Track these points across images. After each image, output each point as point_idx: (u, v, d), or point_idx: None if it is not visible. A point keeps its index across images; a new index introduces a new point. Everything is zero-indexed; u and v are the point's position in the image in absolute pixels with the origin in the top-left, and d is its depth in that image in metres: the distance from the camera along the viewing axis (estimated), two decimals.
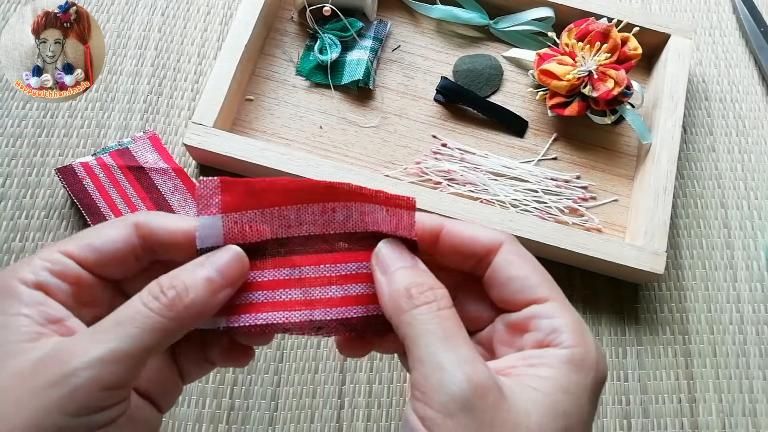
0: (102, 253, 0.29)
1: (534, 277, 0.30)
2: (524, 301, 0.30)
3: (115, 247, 0.29)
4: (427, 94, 0.61)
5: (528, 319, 0.29)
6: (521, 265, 0.30)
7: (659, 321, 0.55)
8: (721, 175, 0.61)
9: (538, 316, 0.29)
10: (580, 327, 0.29)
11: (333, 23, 0.61)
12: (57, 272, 0.28)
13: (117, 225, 0.30)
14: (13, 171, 0.56)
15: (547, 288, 0.30)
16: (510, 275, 0.30)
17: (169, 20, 0.63)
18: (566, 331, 0.28)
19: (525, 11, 0.62)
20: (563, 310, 0.29)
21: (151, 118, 0.59)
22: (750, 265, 0.58)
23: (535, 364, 0.28)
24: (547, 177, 0.58)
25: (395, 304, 0.28)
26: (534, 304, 0.29)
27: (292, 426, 0.50)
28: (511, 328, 0.30)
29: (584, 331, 0.29)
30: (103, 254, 0.29)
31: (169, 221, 0.30)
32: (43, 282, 0.28)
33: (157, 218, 0.30)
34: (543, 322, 0.29)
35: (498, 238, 0.31)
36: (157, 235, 0.30)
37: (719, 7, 0.69)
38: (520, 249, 0.31)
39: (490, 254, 0.31)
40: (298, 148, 0.57)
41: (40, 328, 0.27)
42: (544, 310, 0.29)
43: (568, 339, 0.28)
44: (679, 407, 0.53)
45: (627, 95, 0.57)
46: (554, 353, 0.28)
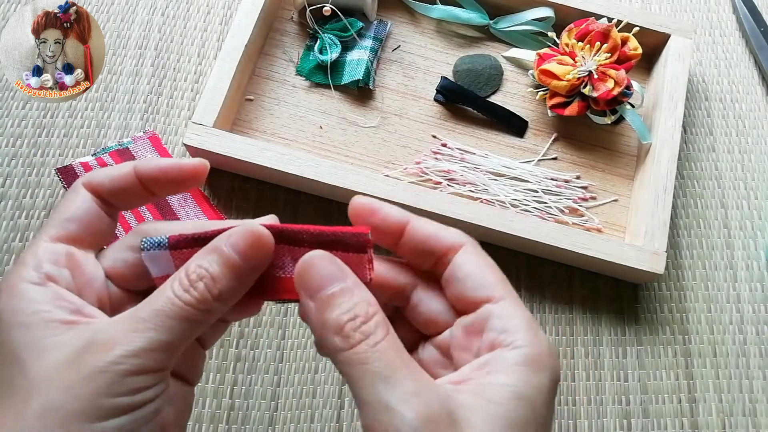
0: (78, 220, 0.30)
1: (489, 277, 0.30)
2: (478, 299, 0.29)
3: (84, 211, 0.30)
4: (427, 94, 0.61)
5: (483, 320, 0.29)
6: (478, 264, 0.30)
7: (659, 321, 0.55)
8: (721, 175, 0.61)
9: (492, 316, 0.29)
10: (533, 326, 0.29)
11: (333, 23, 0.61)
12: (52, 261, 0.29)
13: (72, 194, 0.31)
14: (13, 171, 0.56)
15: (501, 289, 0.30)
16: (467, 272, 0.30)
17: (169, 20, 0.63)
18: (519, 331, 0.28)
19: (525, 11, 0.62)
20: (516, 309, 0.29)
21: (151, 118, 0.59)
22: (750, 265, 0.58)
23: (490, 371, 0.27)
24: (547, 177, 0.58)
25: (328, 342, 0.27)
26: (488, 303, 0.29)
27: (292, 426, 0.50)
28: (468, 331, 0.30)
29: (536, 329, 0.29)
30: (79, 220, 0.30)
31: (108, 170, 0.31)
32: (49, 274, 0.28)
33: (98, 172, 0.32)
34: (496, 322, 0.29)
35: (460, 238, 0.31)
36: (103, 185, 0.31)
37: (719, 7, 0.69)
38: (480, 251, 0.31)
39: (450, 253, 0.30)
40: (298, 148, 0.57)
41: (67, 316, 0.27)
42: (497, 309, 0.29)
43: (520, 339, 0.28)
44: (679, 407, 0.53)
45: (627, 95, 0.57)
46: (508, 356, 0.28)
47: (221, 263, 0.28)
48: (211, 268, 0.28)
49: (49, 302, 0.28)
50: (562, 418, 0.52)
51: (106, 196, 0.31)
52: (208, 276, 0.28)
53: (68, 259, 0.30)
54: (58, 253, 0.29)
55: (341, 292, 0.27)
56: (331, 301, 0.27)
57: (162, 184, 0.31)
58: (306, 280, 0.28)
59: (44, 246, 0.29)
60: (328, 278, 0.28)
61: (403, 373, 0.26)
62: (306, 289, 0.28)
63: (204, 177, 0.32)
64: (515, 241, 0.53)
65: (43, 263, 0.29)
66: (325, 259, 0.28)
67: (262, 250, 0.29)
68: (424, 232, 0.31)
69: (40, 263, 0.29)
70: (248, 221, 0.30)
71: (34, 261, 0.29)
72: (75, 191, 0.31)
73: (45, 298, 0.28)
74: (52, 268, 0.29)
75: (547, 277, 0.56)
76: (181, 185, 0.32)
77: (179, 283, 0.28)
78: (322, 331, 0.27)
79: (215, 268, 0.28)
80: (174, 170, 0.31)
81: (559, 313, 0.55)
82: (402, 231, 0.31)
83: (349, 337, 0.26)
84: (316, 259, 0.28)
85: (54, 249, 0.29)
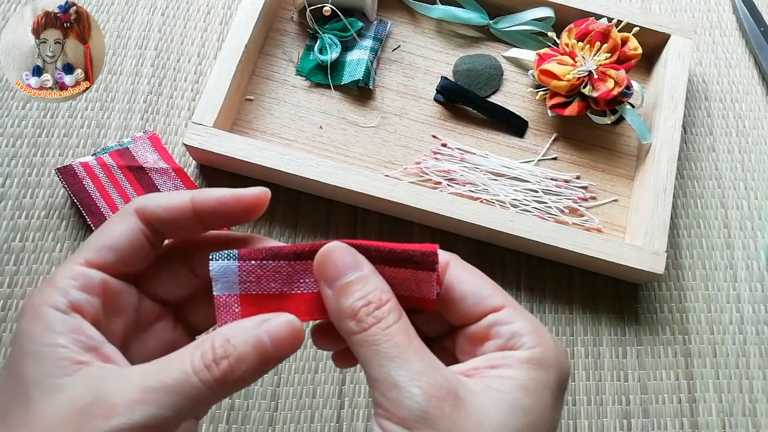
0: (119, 249, 0.29)
1: (486, 289, 0.31)
2: (481, 312, 0.30)
3: (128, 240, 0.29)
4: (427, 94, 0.61)
5: (487, 328, 0.30)
6: (471, 279, 0.31)
7: (659, 321, 0.55)
8: (721, 175, 0.61)
9: (497, 324, 0.30)
10: (538, 328, 0.29)
11: (333, 23, 0.61)
12: (84, 287, 0.28)
13: (120, 219, 0.30)
14: (13, 171, 0.56)
15: (500, 297, 0.30)
16: (463, 291, 0.30)
17: (169, 20, 0.63)
18: (526, 334, 0.29)
19: (525, 11, 0.62)
20: (520, 315, 0.30)
21: (151, 118, 0.59)
22: (750, 265, 0.58)
23: (496, 365, 0.28)
24: (547, 177, 0.58)
25: (344, 327, 0.28)
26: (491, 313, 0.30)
27: (292, 426, 0.50)
28: (471, 339, 0.31)
29: (543, 331, 0.29)
30: (120, 250, 0.29)
31: (163, 199, 0.30)
32: (75, 302, 0.28)
33: (152, 199, 0.30)
34: (503, 329, 0.29)
35: (443, 258, 0.31)
36: (157, 214, 0.30)
37: (719, 7, 0.69)
38: (466, 265, 0.32)
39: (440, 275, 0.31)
40: (298, 148, 0.57)
41: (79, 356, 0.27)
42: (501, 317, 0.30)
43: (528, 341, 0.29)
44: (679, 407, 0.53)
45: (627, 95, 0.57)
46: (515, 355, 0.29)
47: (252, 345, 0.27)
48: (239, 347, 0.27)
49: (66, 334, 0.27)
50: (562, 418, 0.52)
51: (158, 225, 0.30)
52: (234, 356, 0.27)
53: (102, 288, 0.29)
54: (92, 279, 0.29)
55: (357, 280, 0.29)
56: (347, 288, 0.28)
57: (219, 217, 0.30)
58: (324, 269, 0.29)
59: (78, 270, 0.28)
60: (344, 267, 0.29)
61: (411, 354, 0.27)
62: (324, 277, 0.29)
63: (265, 207, 0.30)
64: (515, 241, 0.53)
65: (71, 290, 0.28)
66: (342, 250, 0.29)
67: (296, 344, 0.29)
68: None
69: (68, 289, 0.28)
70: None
71: (63, 284, 0.28)
72: (124, 217, 0.30)
73: (64, 328, 0.27)
74: (80, 296, 0.28)
75: (547, 277, 0.56)
76: (240, 218, 0.31)
77: (201, 356, 0.26)
78: (338, 317, 0.29)
79: (242, 349, 0.27)
80: (232, 202, 0.30)
81: (559, 313, 0.55)
82: None
83: (363, 321, 0.28)
84: (333, 250, 0.29)
85: (88, 274, 0.29)
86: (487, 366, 0.28)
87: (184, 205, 0.30)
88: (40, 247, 0.53)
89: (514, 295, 0.55)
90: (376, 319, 0.28)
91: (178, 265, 0.32)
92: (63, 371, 0.26)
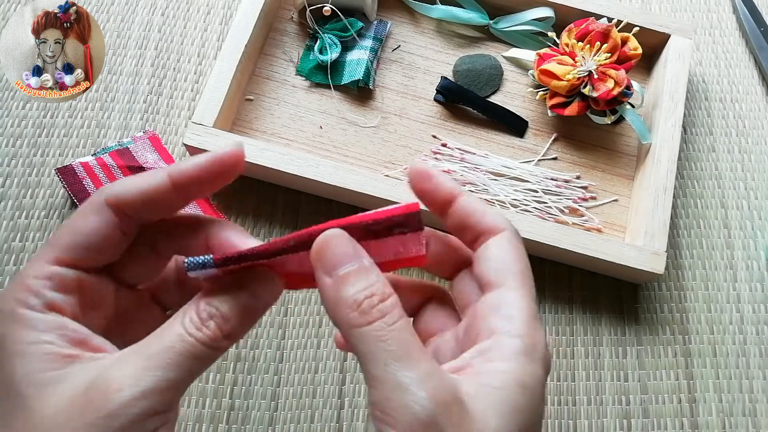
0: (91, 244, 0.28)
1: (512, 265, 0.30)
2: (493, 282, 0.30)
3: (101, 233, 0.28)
4: (427, 94, 0.61)
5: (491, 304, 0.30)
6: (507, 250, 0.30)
7: (659, 321, 0.55)
8: (721, 175, 0.61)
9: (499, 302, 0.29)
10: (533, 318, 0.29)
11: (333, 23, 0.61)
12: (59, 287, 0.27)
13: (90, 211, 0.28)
14: (13, 171, 0.56)
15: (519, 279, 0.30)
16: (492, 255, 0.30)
17: (169, 20, 0.63)
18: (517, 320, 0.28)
19: (525, 11, 0.62)
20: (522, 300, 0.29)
21: (151, 118, 0.59)
22: (750, 265, 0.58)
23: (490, 358, 0.28)
24: (547, 177, 0.58)
25: (344, 317, 0.27)
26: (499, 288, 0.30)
27: (292, 426, 0.50)
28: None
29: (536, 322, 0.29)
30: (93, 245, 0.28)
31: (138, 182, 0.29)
32: (51, 302, 0.27)
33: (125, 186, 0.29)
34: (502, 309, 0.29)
35: (501, 224, 0.31)
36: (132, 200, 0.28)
37: (719, 7, 0.69)
38: (517, 242, 0.31)
39: (488, 234, 0.31)
40: (298, 148, 0.57)
41: (67, 350, 0.26)
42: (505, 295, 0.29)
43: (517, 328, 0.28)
44: (679, 407, 0.53)
45: (627, 95, 0.57)
46: (506, 343, 0.28)
47: (233, 301, 0.28)
48: (222, 307, 0.27)
49: (50, 332, 0.26)
50: (562, 418, 0.52)
51: (134, 213, 0.29)
52: (218, 315, 0.27)
53: (78, 285, 0.28)
54: (66, 278, 0.28)
55: (359, 270, 0.28)
56: (348, 278, 0.27)
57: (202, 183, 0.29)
58: (323, 257, 0.28)
59: (50, 270, 0.27)
60: (345, 256, 0.28)
61: (418, 355, 0.26)
62: (323, 265, 0.28)
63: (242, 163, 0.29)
64: None
65: (45, 290, 0.27)
66: (342, 238, 0.28)
67: (275, 291, 0.29)
68: (470, 207, 0.31)
69: (42, 290, 0.27)
70: None
71: (36, 285, 0.27)
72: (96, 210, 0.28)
73: (46, 326, 0.26)
74: (56, 296, 0.27)
75: (547, 277, 0.56)
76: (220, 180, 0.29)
77: (190, 320, 0.27)
78: (336, 307, 0.27)
79: (226, 307, 0.27)
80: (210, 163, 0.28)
81: (559, 313, 0.55)
82: (451, 202, 0.31)
83: (367, 313, 0.26)
84: (333, 238, 0.28)
85: (61, 274, 0.28)
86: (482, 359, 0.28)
87: (162, 183, 0.28)
88: (41, 247, 0.53)
89: None
90: (381, 313, 0.26)
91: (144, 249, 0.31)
92: (53, 365, 0.26)
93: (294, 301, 0.53)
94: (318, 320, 0.53)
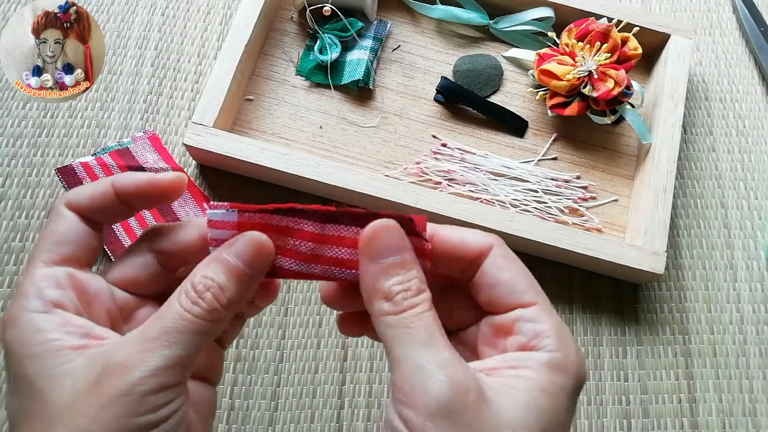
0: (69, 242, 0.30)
1: (522, 282, 0.30)
2: (511, 304, 0.30)
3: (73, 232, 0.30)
4: (427, 94, 0.61)
5: (512, 322, 0.30)
6: (510, 269, 0.31)
7: (659, 321, 0.55)
8: (721, 175, 0.61)
9: (522, 320, 0.29)
10: (563, 332, 0.29)
11: (333, 23, 0.61)
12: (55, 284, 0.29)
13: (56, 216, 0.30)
14: (13, 171, 0.56)
15: (534, 293, 0.30)
16: (499, 279, 0.30)
17: (169, 20, 0.63)
18: (549, 336, 0.29)
19: (525, 11, 0.62)
20: (547, 315, 0.29)
21: (151, 118, 0.59)
22: (750, 265, 0.58)
23: (516, 366, 0.28)
24: (547, 177, 0.58)
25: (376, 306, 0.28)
26: (519, 308, 0.30)
27: (292, 426, 0.50)
28: (496, 330, 0.31)
29: (566, 336, 0.29)
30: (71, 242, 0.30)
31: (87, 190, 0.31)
32: (53, 300, 0.28)
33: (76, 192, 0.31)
34: (527, 326, 0.29)
35: (487, 241, 0.31)
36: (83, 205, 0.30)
37: (719, 7, 0.69)
38: (509, 253, 0.31)
39: (480, 258, 0.31)
40: (298, 148, 0.57)
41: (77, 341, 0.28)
42: (529, 314, 0.29)
43: (550, 344, 0.28)
44: (679, 407, 0.53)
45: (627, 95, 0.57)
46: (535, 356, 0.28)
47: (226, 272, 0.29)
48: (216, 277, 0.28)
49: (57, 329, 0.28)
50: None
51: (88, 215, 0.31)
52: (215, 285, 0.28)
53: (70, 280, 0.29)
54: (59, 276, 0.29)
55: (402, 263, 0.29)
56: (389, 269, 0.29)
57: (140, 200, 0.31)
58: (373, 244, 0.29)
59: (42, 272, 0.29)
60: (392, 247, 0.29)
61: (441, 342, 0.27)
62: (370, 253, 0.29)
63: (182, 191, 0.32)
64: (515, 241, 0.53)
65: (44, 290, 0.28)
66: (395, 229, 0.29)
67: (265, 257, 0.30)
68: (451, 241, 0.31)
69: (41, 291, 0.28)
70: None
71: (34, 289, 0.28)
72: (59, 214, 0.30)
73: (52, 325, 0.28)
74: (55, 293, 0.29)
75: (547, 277, 0.56)
76: (159, 201, 0.32)
77: (186, 296, 0.28)
78: (371, 294, 0.29)
79: (221, 277, 0.28)
80: (149, 187, 0.31)
81: (559, 313, 0.55)
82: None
83: (399, 304, 0.28)
84: (387, 228, 0.29)
85: (53, 273, 0.29)
86: (507, 366, 0.28)
87: (107, 192, 0.30)
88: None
89: None
90: (411, 305, 0.28)
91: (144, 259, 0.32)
92: (64, 359, 0.27)
93: (294, 301, 0.53)
94: (318, 320, 0.53)
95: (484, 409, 0.26)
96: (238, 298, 0.29)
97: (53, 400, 0.26)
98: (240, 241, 0.29)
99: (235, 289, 0.29)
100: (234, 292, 0.29)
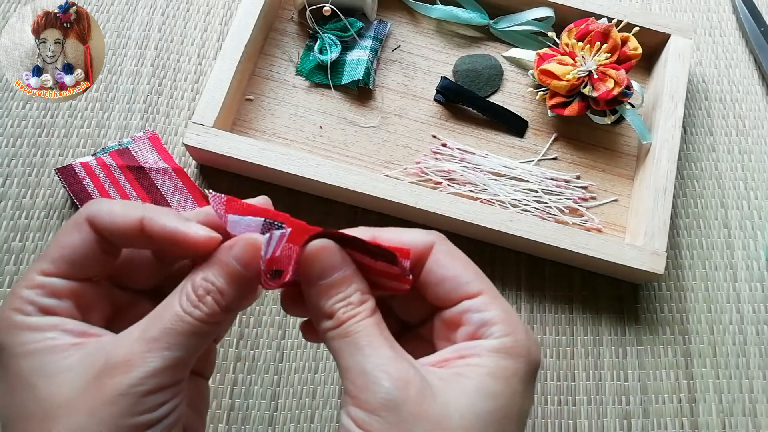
0: (73, 261, 0.29)
1: (466, 274, 0.31)
2: (457, 297, 0.30)
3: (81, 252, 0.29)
4: (427, 94, 0.61)
5: (461, 314, 0.30)
6: (452, 263, 0.31)
7: (659, 321, 0.55)
8: (721, 175, 0.61)
9: (470, 311, 0.30)
10: (511, 317, 0.30)
11: (333, 23, 0.61)
12: (51, 294, 0.29)
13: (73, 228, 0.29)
14: (13, 171, 0.56)
15: (479, 282, 0.30)
16: (443, 275, 0.31)
17: (169, 20, 0.63)
18: (496, 323, 0.29)
19: (525, 11, 0.62)
20: (493, 302, 0.30)
21: (151, 118, 0.59)
22: (750, 265, 0.58)
23: (465, 355, 0.29)
24: (547, 177, 0.58)
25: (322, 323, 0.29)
26: (466, 299, 0.30)
27: (292, 426, 0.50)
28: (447, 324, 0.31)
29: (515, 320, 0.30)
30: (75, 262, 0.29)
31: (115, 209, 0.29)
32: (46, 307, 0.28)
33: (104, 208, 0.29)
34: (474, 316, 0.30)
35: (427, 239, 0.31)
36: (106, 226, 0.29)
37: (719, 7, 0.69)
38: (450, 248, 0.32)
39: (423, 257, 0.31)
40: (298, 148, 0.57)
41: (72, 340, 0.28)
42: (475, 304, 0.30)
43: (497, 330, 0.29)
44: (679, 407, 0.53)
45: (627, 95, 0.57)
46: (484, 344, 0.29)
47: (226, 276, 0.29)
48: (217, 281, 0.28)
49: (50, 330, 0.28)
50: (562, 418, 0.52)
51: (107, 237, 0.29)
52: (215, 290, 0.28)
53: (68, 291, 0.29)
54: (56, 286, 0.29)
55: (342, 280, 0.29)
56: (329, 290, 0.29)
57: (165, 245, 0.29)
58: (309, 268, 0.29)
59: (40, 280, 0.29)
60: (331, 267, 0.29)
61: (380, 342, 0.28)
62: (309, 276, 0.29)
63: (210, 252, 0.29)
64: (515, 241, 0.53)
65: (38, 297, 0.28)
66: (328, 250, 0.29)
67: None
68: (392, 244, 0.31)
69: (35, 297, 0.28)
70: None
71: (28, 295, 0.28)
72: (77, 227, 0.29)
73: (46, 326, 0.28)
74: (50, 301, 0.28)
75: (547, 277, 0.56)
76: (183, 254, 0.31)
77: (187, 299, 0.28)
78: (316, 316, 0.29)
79: (221, 281, 0.28)
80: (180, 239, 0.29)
81: (559, 313, 0.55)
82: None
83: (338, 318, 0.29)
84: (320, 249, 0.29)
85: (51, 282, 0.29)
86: (457, 356, 0.29)
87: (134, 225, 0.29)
88: (40, 247, 0.53)
89: (514, 295, 0.55)
90: (350, 316, 0.29)
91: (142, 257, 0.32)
92: (60, 356, 0.27)
93: None
94: None
95: (428, 400, 0.27)
96: (237, 301, 0.29)
97: (50, 397, 0.26)
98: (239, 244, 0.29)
99: (234, 294, 0.29)
100: (233, 296, 0.29)
